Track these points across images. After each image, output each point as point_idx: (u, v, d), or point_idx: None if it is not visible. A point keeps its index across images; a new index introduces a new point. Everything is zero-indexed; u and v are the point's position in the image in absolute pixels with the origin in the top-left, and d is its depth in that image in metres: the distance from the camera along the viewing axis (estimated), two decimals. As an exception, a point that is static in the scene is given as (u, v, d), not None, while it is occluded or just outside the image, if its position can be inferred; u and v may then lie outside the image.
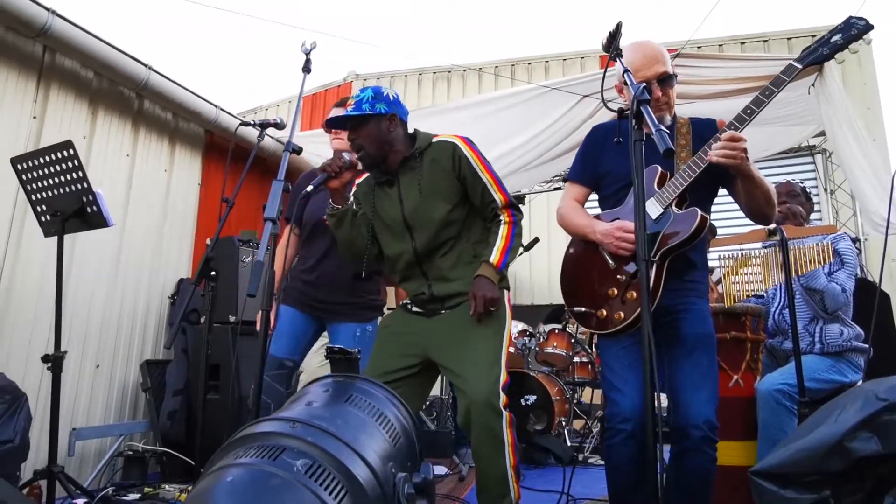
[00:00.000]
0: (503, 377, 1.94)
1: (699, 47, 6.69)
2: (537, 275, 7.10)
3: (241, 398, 3.42)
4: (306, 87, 2.14)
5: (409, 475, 0.89)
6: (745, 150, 1.74)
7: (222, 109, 4.30)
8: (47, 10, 3.12)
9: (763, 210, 1.90)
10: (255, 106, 8.57)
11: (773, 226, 2.59)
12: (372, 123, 2.04)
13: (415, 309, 2.16)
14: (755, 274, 2.80)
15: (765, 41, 6.76)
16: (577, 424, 4.84)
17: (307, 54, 2.06)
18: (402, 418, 1.10)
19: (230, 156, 2.54)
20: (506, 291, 2.13)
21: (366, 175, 2.24)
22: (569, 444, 4.36)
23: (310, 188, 1.98)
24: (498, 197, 2.08)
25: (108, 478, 3.34)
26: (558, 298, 2.19)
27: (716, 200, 2.04)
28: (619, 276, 1.92)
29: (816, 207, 6.26)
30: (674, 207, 1.86)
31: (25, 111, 3.26)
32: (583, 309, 1.99)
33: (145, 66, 3.70)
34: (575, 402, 4.82)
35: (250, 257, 3.86)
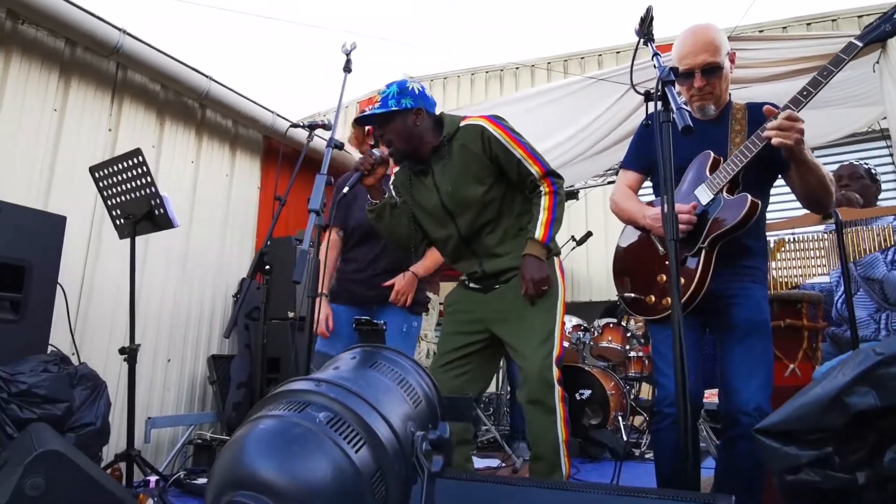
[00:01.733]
0: (556, 351, 1.99)
1: (761, 30, 6.43)
2: (595, 271, 6.97)
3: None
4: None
5: (427, 433, 0.96)
6: (801, 132, 1.66)
7: (278, 115, 4.49)
8: (119, 29, 3.39)
9: (818, 197, 1.82)
10: (314, 112, 8.84)
11: (827, 208, 2.50)
12: (398, 119, 2.09)
13: (472, 285, 2.23)
14: (813, 258, 2.71)
15: (833, 20, 6.42)
16: (634, 420, 4.76)
17: (347, 55, 2.16)
18: (425, 385, 1.18)
19: (281, 157, 2.69)
20: (556, 259, 2.15)
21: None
22: (625, 438, 4.30)
23: (346, 189, 2.05)
24: (534, 169, 2.08)
25: (180, 464, 3.56)
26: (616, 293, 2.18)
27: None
28: (668, 262, 1.91)
29: (893, 193, 5.91)
30: (724, 193, 1.83)
31: (102, 124, 3.55)
32: (633, 295, 2.01)
33: (206, 76, 3.93)
34: (632, 397, 4.74)
35: (305, 253, 4.02)
